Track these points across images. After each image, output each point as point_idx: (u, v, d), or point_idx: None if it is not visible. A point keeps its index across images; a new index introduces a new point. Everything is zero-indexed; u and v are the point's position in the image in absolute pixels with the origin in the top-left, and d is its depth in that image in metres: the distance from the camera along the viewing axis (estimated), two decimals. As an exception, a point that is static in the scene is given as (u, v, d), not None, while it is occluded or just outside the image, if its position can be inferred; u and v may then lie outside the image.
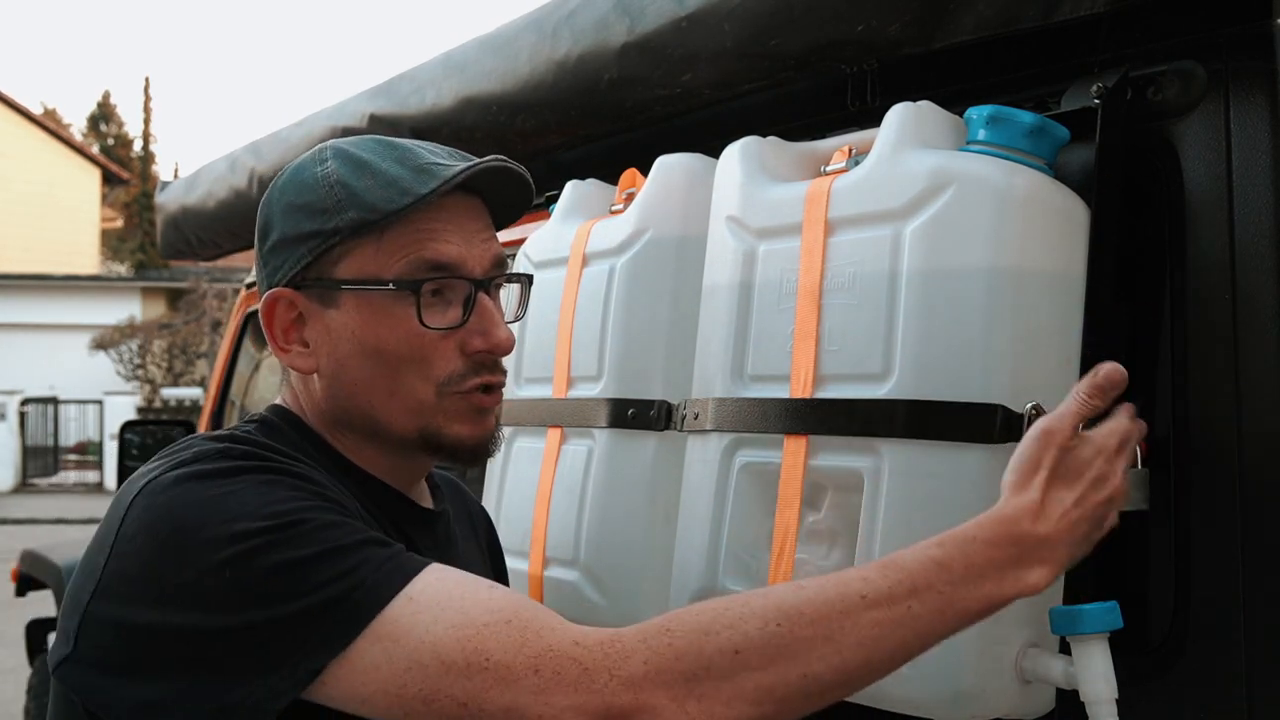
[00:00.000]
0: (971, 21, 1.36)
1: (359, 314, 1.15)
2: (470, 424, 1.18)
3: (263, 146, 3.14)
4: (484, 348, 1.17)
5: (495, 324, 1.18)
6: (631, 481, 1.62)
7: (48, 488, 22.17)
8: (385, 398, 1.16)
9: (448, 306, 1.16)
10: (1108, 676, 1.15)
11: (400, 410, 1.16)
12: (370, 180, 1.14)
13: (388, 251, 1.14)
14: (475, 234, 1.19)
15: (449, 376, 1.16)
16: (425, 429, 1.17)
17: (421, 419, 1.17)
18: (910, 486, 1.25)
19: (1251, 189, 1.21)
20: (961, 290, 1.24)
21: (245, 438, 1.12)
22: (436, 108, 2.27)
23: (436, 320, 1.15)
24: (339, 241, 1.15)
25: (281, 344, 1.20)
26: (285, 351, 1.20)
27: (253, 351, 3.96)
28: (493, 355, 1.18)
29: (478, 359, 1.17)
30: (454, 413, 1.17)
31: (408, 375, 1.15)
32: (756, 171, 1.50)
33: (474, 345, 1.17)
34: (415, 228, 1.15)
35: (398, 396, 1.16)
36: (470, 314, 1.16)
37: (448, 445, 1.18)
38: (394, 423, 1.17)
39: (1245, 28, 1.23)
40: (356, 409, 1.18)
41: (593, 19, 1.85)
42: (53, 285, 24.86)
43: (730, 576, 1.42)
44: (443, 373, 1.16)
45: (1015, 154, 1.29)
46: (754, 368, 1.44)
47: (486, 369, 1.18)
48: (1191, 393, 1.25)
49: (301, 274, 1.17)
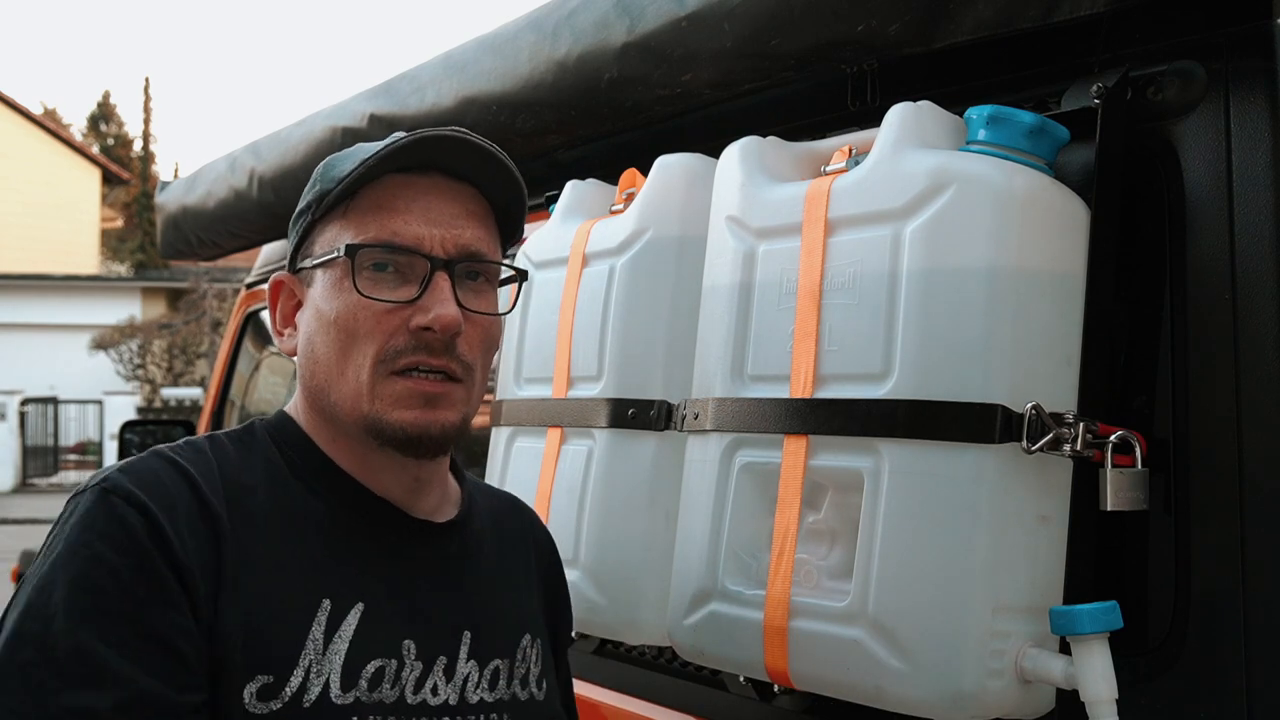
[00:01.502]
0: (971, 21, 1.36)
1: (321, 288, 1.18)
2: (410, 409, 1.13)
3: (263, 146, 3.13)
4: (423, 323, 1.13)
5: (441, 301, 1.13)
6: (631, 481, 1.62)
7: (48, 488, 22.17)
8: (337, 377, 1.15)
9: (401, 283, 1.15)
10: (1108, 676, 1.15)
11: (349, 393, 1.15)
12: (345, 162, 1.18)
13: (351, 227, 1.16)
14: (445, 216, 1.17)
15: (387, 352, 1.13)
16: (368, 415, 1.14)
17: (363, 403, 1.14)
18: (910, 486, 1.25)
19: (1251, 189, 1.21)
20: (961, 290, 1.24)
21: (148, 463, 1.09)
22: (436, 108, 2.27)
23: (383, 293, 1.13)
24: (315, 220, 1.19)
25: (278, 328, 1.23)
26: (280, 335, 1.22)
27: (253, 351, 3.96)
28: (433, 332, 1.13)
29: (421, 338, 1.13)
30: (393, 397, 1.13)
31: (352, 351, 1.14)
32: (756, 171, 1.50)
33: (415, 321, 1.13)
34: (378, 205, 1.16)
35: (345, 376, 1.15)
36: (423, 292, 1.14)
37: (388, 432, 1.14)
38: (343, 406, 1.15)
39: (1245, 28, 1.23)
40: (318, 390, 1.17)
41: (593, 19, 1.85)
42: (53, 285, 24.87)
43: (730, 576, 1.42)
44: (382, 348, 1.13)
45: (1015, 154, 1.29)
46: (754, 368, 1.44)
47: (428, 350, 1.14)
48: (1191, 393, 1.25)
49: (294, 258, 1.22)
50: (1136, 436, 1.25)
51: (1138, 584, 1.28)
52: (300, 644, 1.06)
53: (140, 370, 23.07)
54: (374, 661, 1.10)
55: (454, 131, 1.17)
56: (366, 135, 2.53)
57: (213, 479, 1.10)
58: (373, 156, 1.14)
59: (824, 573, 1.34)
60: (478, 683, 1.20)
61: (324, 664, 1.07)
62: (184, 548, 1.03)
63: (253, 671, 1.03)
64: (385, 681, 1.11)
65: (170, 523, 1.03)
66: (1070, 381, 1.25)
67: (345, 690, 1.07)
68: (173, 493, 1.05)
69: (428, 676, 1.15)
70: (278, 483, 1.15)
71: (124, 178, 32.37)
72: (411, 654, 1.14)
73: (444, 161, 1.19)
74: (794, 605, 1.33)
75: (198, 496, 1.07)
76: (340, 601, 1.10)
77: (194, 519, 1.05)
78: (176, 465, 1.09)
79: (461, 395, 1.17)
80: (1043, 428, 1.20)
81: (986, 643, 1.20)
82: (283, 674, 1.05)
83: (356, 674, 1.09)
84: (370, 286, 1.14)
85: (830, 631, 1.29)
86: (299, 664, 1.06)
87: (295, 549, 1.11)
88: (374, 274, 1.15)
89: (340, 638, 1.09)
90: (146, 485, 1.05)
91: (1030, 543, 1.23)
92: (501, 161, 1.20)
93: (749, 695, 1.56)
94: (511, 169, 1.22)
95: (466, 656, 1.19)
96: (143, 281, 27.17)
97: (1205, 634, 1.21)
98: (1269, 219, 1.20)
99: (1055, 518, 1.25)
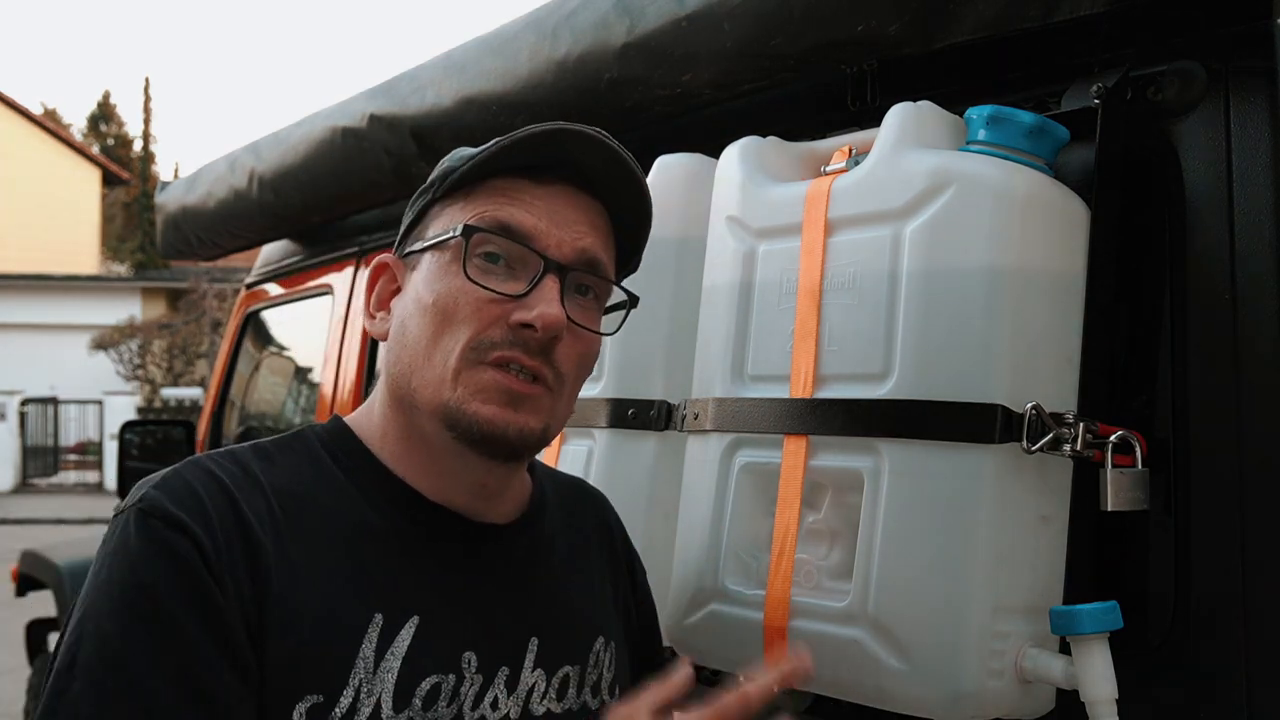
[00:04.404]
0: (971, 21, 1.36)
1: (426, 271, 1.12)
2: (492, 404, 1.07)
3: (263, 146, 3.13)
4: (525, 319, 1.07)
5: (547, 300, 1.07)
6: (631, 481, 1.62)
7: (48, 488, 22.18)
8: (424, 362, 1.09)
9: (510, 278, 1.09)
10: (1108, 676, 1.15)
11: (432, 379, 1.09)
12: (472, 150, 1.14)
13: (469, 210, 1.11)
14: (567, 220, 1.12)
15: (480, 341, 1.07)
16: (447, 402, 1.08)
17: (445, 389, 1.08)
18: (910, 486, 1.25)
19: (1251, 189, 1.21)
20: (961, 290, 1.24)
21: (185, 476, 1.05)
22: (436, 108, 2.27)
23: (491, 283, 1.08)
24: (434, 201, 1.15)
25: (371, 310, 1.18)
26: (371, 317, 1.18)
27: (253, 351, 3.96)
28: (533, 330, 1.07)
29: (519, 334, 1.08)
30: (477, 387, 1.07)
31: (444, 335, 1.08)
32: (756, 171, 1.50)
33: (516, 316, 1.08)
34: (501, 191, 1.11)
35: (432, 360, 1.09)
36: (531, 290, 1.08)
37: (463, 423, 1.07)
38: (423, 393, 1.09)
39: (1245, 28, 1.23)
40: (401, 376, 1.11)
41: (593, 19, 1.85)
42: (53, 285, 24.88)
43: (730, 576, 1.42)
44: (477, 335, 1.07)
45: (1015, 154, 1.29)
46: (754, 368, 1.44)
47: (524, 348, 1.08)
48: (1191, 393, 1.25)
49: (404, 240, 1.18)
50: (1136, 436, 1.25)
51: (1138, 584, 1.28)
52: (350, 662, 1.02)
53: (140, 370, 23.07)
54: (430, 678, 1.06)
55: (594, 131, 1.11)
56: (366, 135, 2.53)
57: (256, 490, 1.05)
58: (507, 139, 1.09)
59: (824, 573, 1.34)
60: (544, 693, 1.15)
61: (375, 683, 1.02)
62: (223, 564, 0.99)
63: (302, 691, 0.99)
64: (442, 699, 1.06)
65: (209, 539, 0.99)
66: (1070, 381, 1.25)
67: (398, 710, 1.03)
68: (209, 508, 1.01)
69: (488, 690, 1.10)
70: (329, 492, 1.10)
71: (124, 178, 32.37)
72: (472, 667, 1.09)
73: (578, 161, 1.13)
74: (794, 605, 1.33)
75: (235, 511, 1.02)
76: (393, 616, 1.05)
77: (231, 534, 1.01)
78: (215, 478, 1.04)
79: (549, 404, 1.11)
80: (1043, 428, 1.20)
81: (986, 642, 1.20)
82: (333, 694, 1.00)
83: (410, 692, 1.04)
84: (478, 273, 1.09)
85: (830, 631, 1.29)
86: (349, 683, 1.01)
87: (346, 562, 1.06)
88: (484, 263, 1.09)
89: (393, 654, 1.04)
90: (182, 501, 1.01)
91: (1030, 543, 1.23)
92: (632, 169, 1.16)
93: (749, 695, 1.56)
94: (642, 181, 1.17)
95: (533, 665, 1.14)
96: (143, 281, 27.17)
97: (1205, 634, 1.21)
98: (1269, 219, 1.20)
99: (1055, 518, 1.25)
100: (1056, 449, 1.21)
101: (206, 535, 0.99)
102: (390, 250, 1.22)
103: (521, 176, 1.12)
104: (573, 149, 1.12)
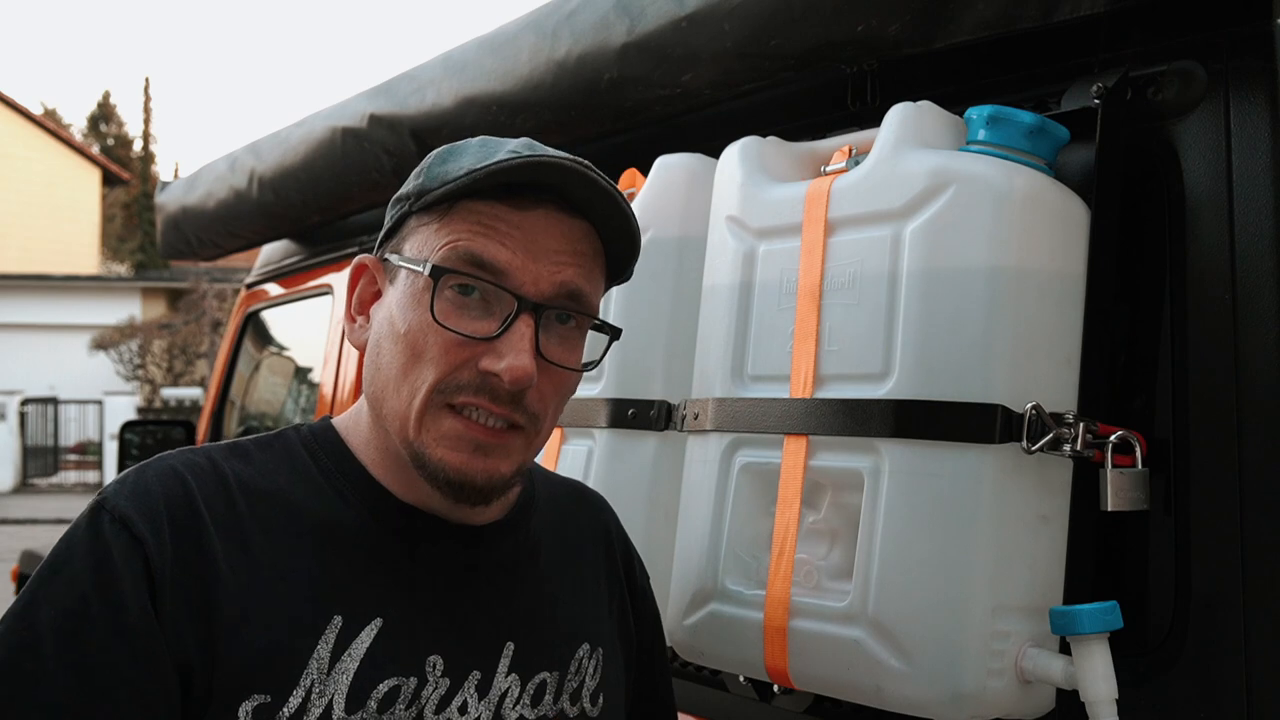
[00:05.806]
0: (971, 21, 1.36)
1: (400, 293, 1.09)
2: (458, 453, 1.05)
3: (263, 146, 3.13)
4: (492, 369, 1.03)
5: (517, 351, 1.03)
6: (631, 481, 1.62)
7: (48, 488, 22.17)
8: (393, 392, 1.07)
9: (485, 313, 1.05)
10: (1108, 676, 1.15)
11: (399, 412, 1.07)
12: (453, 161, 1.10)
13: (443, 235, 1.07)
14: (546, 250, 1.07)
15: (446, 384, 1.04)
16: (413, 443, 1.06)
17: (410, 429, 1.06)
18: (910, 486, 1.25)
19: (1251, 189, 1.21)
20: (961, 290, 1.24)
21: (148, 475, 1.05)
22: (436, 108, 2.27)
23: (460, 323, 1.04)
24: (410, 213, 1.11)
25: (351, 313, 1.16)
26: (351, 321, 1.16)
27: (253, 351, 3.96)
28: (500, 381, 1.03)
29: (487, 381, 1.04)
30: (440, 434, 1.05)
31: (412, 371, 1.06)
32: (756, 171, 1.50)
33: (484, 364, 1.04)
34: (477, 219, 1.06)
35: (400, 394, 1.06)
36: (503, 333, 1.04)
37: (429, 468, 1.06)
38: (392, 424, 1.08)
39: (1245, 28, 1.23)
40: (376, 396, 1.10)
41: (593, 19, 1.85)
42: (53, 285, 24.87)
43: (730, 576, 1.42)
44: (442, 378, 1.04)
45: (1015, 154, 1.29)
46: (754, 368, 1.44)
47: (490, 395, 1.04)
48: (1191, 393, 1.25)
49: (384, 244, 1.15)
50: (1136, 436, 1.25)
51: (1138, 584, 1.28)
52: (304, 662, 1.01)
53: (140, 370, 23.06)
54: (388, 681, 1.04)
55: (574, 162, 1.06)
56: (366, 135, 2.53)
57: (220, 488, 1.05)
58: (481, 169, 1.04)
59: (824, 573, 1.34)
60: (518, 698, 1.12)
61: (328, 684, 1.01)
62: (166, 565, 0.99)
63: (249, 690, 0.98)
64: (400, 702, 1.05)
65: (154, 538, 0.99)
66: (1070, 381, 1.25)
67: (350, 712, 1.02)
68: (161, 508, 1.01)
69: (455, 694, 1.08)
70: (303, 491, 1.09)
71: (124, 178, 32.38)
72: (437, 670, 1.07)
73: (560, 185, 1.08)
74: (794, 605, 1.33)
75: (191, 510, 1.02)
76: (355, 617, 1.04)
77: (182, 535, 1.01)
78: (177, 476, 1.04)
79: (520, 445, 1.08)
80: (1043, 428, 1.20)
81: (987, 642, 1.20)
82: (280, 693, 0.99)
83: (365, 694, 1.03)
84: (448, 311, 1.05)
85: (830, 631, 1.29)
86: (300, 683, 1.00)
87: (311, 561, 1.05)
88: (457, 296, 1.05)
89: (350, 656, 1.03)
90: (136, 499, 1.01)
91: (1030, 543, 1.23)
92: (617, 202, 1.10)
93: (749, 695, 1.56)
94: (628, 211, 1.12)
95: (507, 670, 1.12)
96: (143, 281, 27.16)
97: (1205, 634, 1.21)
98: (1269, 219, 1.20)
99: (1055, 518, 1.25)
100: (1056, 449, 1.21)
101: (152, 535, 0.99)
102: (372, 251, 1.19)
103: (500, 201, 1.07)
104: (553, 178, 1.08)
